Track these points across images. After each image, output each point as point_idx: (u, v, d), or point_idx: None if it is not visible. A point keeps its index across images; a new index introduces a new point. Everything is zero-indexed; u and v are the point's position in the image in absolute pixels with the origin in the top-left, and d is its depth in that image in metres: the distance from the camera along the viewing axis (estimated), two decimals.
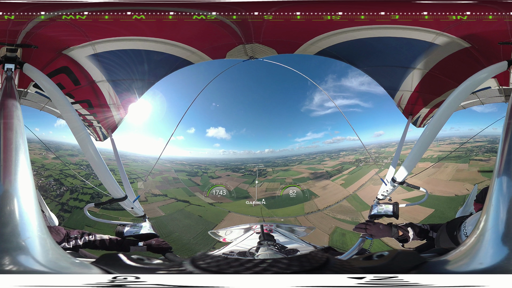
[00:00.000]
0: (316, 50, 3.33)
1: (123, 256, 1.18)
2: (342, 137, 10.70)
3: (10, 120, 1.73)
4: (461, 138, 6.94)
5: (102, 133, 4.21)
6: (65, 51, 3.01)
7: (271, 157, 11.61)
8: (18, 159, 1.53)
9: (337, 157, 11.13)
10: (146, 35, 2.98)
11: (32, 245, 1.25)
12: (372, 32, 2.92)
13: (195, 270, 1.03)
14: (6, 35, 2.64)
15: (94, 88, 3.57)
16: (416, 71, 3.52)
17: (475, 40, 2.82)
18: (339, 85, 8.69)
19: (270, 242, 3.24)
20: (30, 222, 1.34)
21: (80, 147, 2.73)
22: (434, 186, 6.94)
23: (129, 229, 2.92)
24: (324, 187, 10.55)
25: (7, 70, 2.52)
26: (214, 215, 8.23)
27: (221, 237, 4.67)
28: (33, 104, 3.43)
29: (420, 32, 2.82)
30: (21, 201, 1.38)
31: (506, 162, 1.43)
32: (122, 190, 3.26)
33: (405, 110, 4.25)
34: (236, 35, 2.98)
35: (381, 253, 1.17)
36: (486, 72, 2.60)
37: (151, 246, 2.83)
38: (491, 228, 1.27)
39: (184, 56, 3.40)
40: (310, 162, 11.65)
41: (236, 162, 11.01)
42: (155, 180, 8.28)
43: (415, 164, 3.08)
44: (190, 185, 9.39)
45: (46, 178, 6.39)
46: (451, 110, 2.73)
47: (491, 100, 3.60)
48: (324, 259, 1.05)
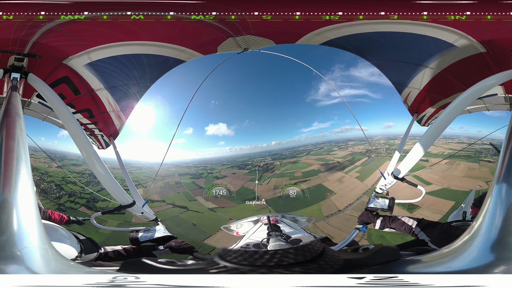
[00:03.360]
0: (322, 40, 3.30)
1: (150, 261, 1.18)
2: (350, 126, 10.33)
3: (13, 129, 1.75)
4: (469, 138, 6.99)
5: (104, 141, 4.28)
6: (65, 61, 3.11)
7: (278, 149, 11.12)
8: (19, 169, 1.54)
9: (346, 147, 10.61)
10: (132, 39, 3.06)
11: (28, 256, 1.26)
12: (392, 26, 2.93)
13: (230, 266, 1.06)
14: (16, 44, 2.74)
15: (94, 97, 3.64)
16: (427, 70, 3.55)
17: (491, 46, 2.87)
18: (347, 75, 8.54)
19: (277, 233, 3.42)
20: (28, 233, 1.34)
21: (83, 156, 2.76)
22: (450, 181, 6.96)
23: (143, 234, 2.93)
24: (339, 180, 9.76)
25: (13, 79, 2.61)
26: (211, 223, 7.74)
27: (233, 231, 4.88)
28: (36, 114, 3.52)
29: (445, 32, 2.85)
30: (19, 211, 1.39)
31: (506, 170, 1.45)
32: (130, 196, 3.22)
33: (411, 107, 4.28)
34: (221, 29, 3.00)
35: (366, 246, 1.21)
36: (495, 79, 2.65)
37: (172, 248, 2.83)
38: (484, 234, 1.29)
39: (174, 55, 3.44)
40: (318, 152, 11.01)
41: (243, 157, 10.63)
42: (156, 186, 8.17)
43: (415, 162, 3.12)
44: (192, 189, 9.07)
45: (48, 183, 6.55)
46: (456, 112, 2.78)
47: (497, 107, 3.64)
48: (321, 249, 1.10)
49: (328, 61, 8.04)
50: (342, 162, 10.38)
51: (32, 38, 2.77)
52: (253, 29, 3.02)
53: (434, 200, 6.17)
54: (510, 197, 1.35)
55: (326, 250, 1.11)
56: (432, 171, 7.00)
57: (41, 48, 2.88)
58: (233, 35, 3.13)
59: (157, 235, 2.95)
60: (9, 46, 2.76)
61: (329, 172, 10.22)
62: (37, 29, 2.73)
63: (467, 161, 6.92)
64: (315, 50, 5.83)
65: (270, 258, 1.06)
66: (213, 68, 4.98)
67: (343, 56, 5.71)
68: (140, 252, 2.80)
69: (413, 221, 2.89)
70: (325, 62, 7.89)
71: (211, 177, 10.22)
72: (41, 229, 1.39)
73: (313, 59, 6.69)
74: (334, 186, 9.45)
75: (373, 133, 9.77)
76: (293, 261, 1.06)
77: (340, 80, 9.37)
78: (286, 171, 10.54)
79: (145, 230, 2.98)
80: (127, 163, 4.26)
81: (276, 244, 3.09)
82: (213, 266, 1.08)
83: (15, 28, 2.68)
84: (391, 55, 3.64)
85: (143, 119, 6.51)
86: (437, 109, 4.03)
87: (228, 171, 10.66)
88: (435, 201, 6.24)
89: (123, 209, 3.12)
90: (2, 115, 1.88)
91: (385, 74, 4.02)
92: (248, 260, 1.06)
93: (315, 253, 1.08)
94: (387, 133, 10.03)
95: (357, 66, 8.58)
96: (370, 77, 8.83)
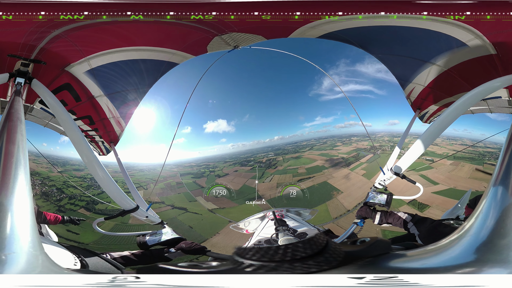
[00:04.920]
0: (319, 33, 3.24)
1: (172, 267, 1.17)
2: (355, 122, 10.15)
3: (14, 134, 1.76)
4: (472, 141, 7.04)
5: (105, 147, 4.32)
6: (67, 68, 3.16)
7: (281, 144, 10.92)
8: (18, 174, 1.54)
9: (349, 143, 10.37)
10: (128, 45, 3.11)
11: (13, 261, 1.26)
12: (403, 21, 2.90)
13: (252, 263, 1.10)
14: (25, 49, 2.78)
15: (94, 104, 3.68)
16: (434, 67, 3.55)
17: (501, 48, 2.88)
18: (352, 70, 8.44)
19: (284, 228, 3.57)
20: (20, 238, 1.34)
21: (84, 162, 2.78)
22: (456, 181, 7.03)
23: (150, 238, 2.93)
24: (345, 177, 9.47)
25: (17, 84, 2.65)
26: (208, 226, 7.50)
27: (242, 229, 5.01)
28: (37, 120, 3.57)
29: (462, 30, 2.84)
30: (14, 215, 1.39)
31: (504, 173, 1.46)
32: (132, 201, 3.21)
33: (414, 104, 4.28)
34: (203, 29, 3.00)
35: (363, 239, 1.25)
36: (500, 82, 2.69)
37: (184, 249, 2.81)
38: (473, 234, 1.31)
39: (166, 58, 3.46)
40: (322, 147, 10.69)
41: (246, 154, 10.44)
42: (157, 187, 8.11)
43: (415, 159, 3.17)
44: (193, 189, 8.88)
45: (50, 187, 6.66)
46: (459, 112, 2.82)
47: (500, 110, 3.66)
48: (325, 242, 1.15)
49: (333, 56, 7.91)
50: (347, 158, 10.11)
51: (40, 44, 2.81)
52: (235, 26, 3.01)
53: (442, 200, 6.38)
54: (505, 200, 1.37)
55: (330, 243, 1.16)
56: (438, 171, 7.09)
57: (46, 54, 2.92)
58: (217, 34, 3.12)
59: (164, 237, 2.93)
60: (17, 51, 2.80)
61: (334, 168, 9.95)
62: (46, 35, 2.76)
63: (472, 163, 6.93)
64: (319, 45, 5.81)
65: (284, 252, 1.11)
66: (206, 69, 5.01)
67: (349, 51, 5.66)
68: (151, 256, 2.78)
69: (408, 216, 2.98)
70: (330, 57, 7.75)
71: (213, 176, 10.06)
72: (34, 235, 1.39)
73: (318, 54, 6.63)
74: (340, 184, 9.18)
75: (377, 130, 9.62)
76: (305, 255, 1.11)
77: (345, 75, 9.19)
78: (289, 167, 10.35)
79: (152, 234, 2.98)
80: (129, 166, 4.29)
81: (285, 238, 3.18)
82: (240, 265, 1.10)
83: (28, 33, 2.71)
84: (397, 50, 3.63)
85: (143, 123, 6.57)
86: (440, 107, 4.04)
87: (230, 169, 10.30)
88: (444, 200, 6.38)
89: (126, 214, 3.11)
90: (4, 119, 1.90)
91: (389, 67, 4.02)
92: (266, 256, 1.10)
93: (320, 246, 1.13)
94: (391, 130, 9.75)
95: (363, 61, 8.45)
96: (376, 73, 8.68)
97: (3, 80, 2.73)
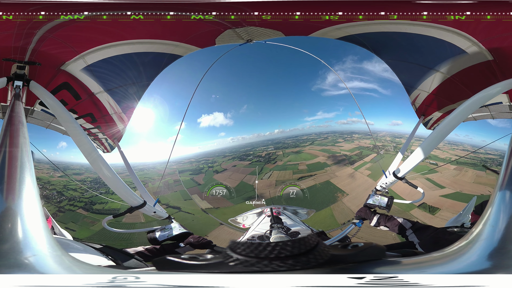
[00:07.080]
0: (341, 34, 3.31)
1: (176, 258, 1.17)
2: (357, 119, 10.04)
3: (16, 137, 1.77)
4: (473, 147, 7.09)
5: (108, 144, 4.34)
6: (63, 67, 3.18)
7: (281, 137, 10.70)
8: (24, 177, 1.54)
9: (351, 140, 10.09)
10: (124, 38, 3.11)
11: (38, 263, 1.25)
12: (414, 28, 2.97)
13: (241, 258, 1.10)
14: (18, 52, 2.82)
15: (94, 100, 3.71)
16: (438, 74, 3.62)
17: (498, 54, 2.94)
18: (358, 67, 8.40)
19: (279, 225, 3.65)
20: (36, 241, 1.33)
21: (88, 161, 2.81)
22: (461, 186, 7.08)
23: (160, 233, 3.02)
24: (349, 177, 9.00)
25: (15, 87, 2.69)
26: (198, 228, 7.26)
27: (240, 223, 5.11)
28: (39, 122, 3.59)
29: (461, 38, 2.91)
30: (24, 219, 1.38)
31: (510, 177, 1.44)
32: (139, 197, 3.25)
33: (419, 110, 4.35)
34: (217, 22, 3.01)
35: (356, 244, 1.23)
36: (499, 87, 2.72)
37: (192, 244, 2.92)
38: (484, 240, 1.29)
39: (169, 50, 3.46)
40: (323, 142, 10.33)
41: (246, 147, 10.22)
42: (154, 186, 8.06)
43: (417, 163, 3.21)
44: (190, 186, 8.69)
45: (50, 190, 6.78)
46: (460, 119, 2.87)
47: (501, 116, 3.72)
48: (315, 243, 1.14)
49: (340, 52, 7.81)
50: (350, 155, 9.81)
51: (30, 45, 2.85)
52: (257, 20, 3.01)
53: (451, 203, 6.50)
54: None
55: (319, 245, 1.15)
56: (443, 176, 7.11)
57: (39, 55, 2.96)
58: (232, 27, 3.13)
59: (174, 232, 3.02)
60: (11, 54, 2.84)
61: (337, 166, 9.63)
62: (33, 37, 2.80)
63: (474, 168, 6.95)
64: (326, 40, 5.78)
65: (271, 250, 1.11)
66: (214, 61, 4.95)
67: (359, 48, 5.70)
68: (164, 251, 2.84)
69: (408, 223, 2.97)
70: (336, 53, 7.63)
71: (211, 172, 9.90)
72: (50, 237, 1.38)
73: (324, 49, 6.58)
74: (345, 185, 8.73)
75: (379, 129, 9.59)
76: (289, 254, 1.11)
77: (350, 72, 9.10)
78: (289, 163, 10.11)
79: (161, 229, 3.07)
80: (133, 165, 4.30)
81: (277, 236, 3.26)
82: (228, 259, 1.12)
83: (15, 37, 2.75)
84: (405, 56, 3.69)
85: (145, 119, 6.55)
86: (443, 113, 4.11)
87: (228, 164, 10.12)
88: (452, 203, 6.52)
89: (134, 210, 3.16)
90: (6, 123, 1.92)
91: (396, 73, 4.08)
92: (254, 252, 1.11)
93: (309, 247, 1.13)
94: (393, 130, 9.60)
95: (371, 60, 8.34)
96: (382, 73, 8.58)
97: (2, 84, 2.76)
